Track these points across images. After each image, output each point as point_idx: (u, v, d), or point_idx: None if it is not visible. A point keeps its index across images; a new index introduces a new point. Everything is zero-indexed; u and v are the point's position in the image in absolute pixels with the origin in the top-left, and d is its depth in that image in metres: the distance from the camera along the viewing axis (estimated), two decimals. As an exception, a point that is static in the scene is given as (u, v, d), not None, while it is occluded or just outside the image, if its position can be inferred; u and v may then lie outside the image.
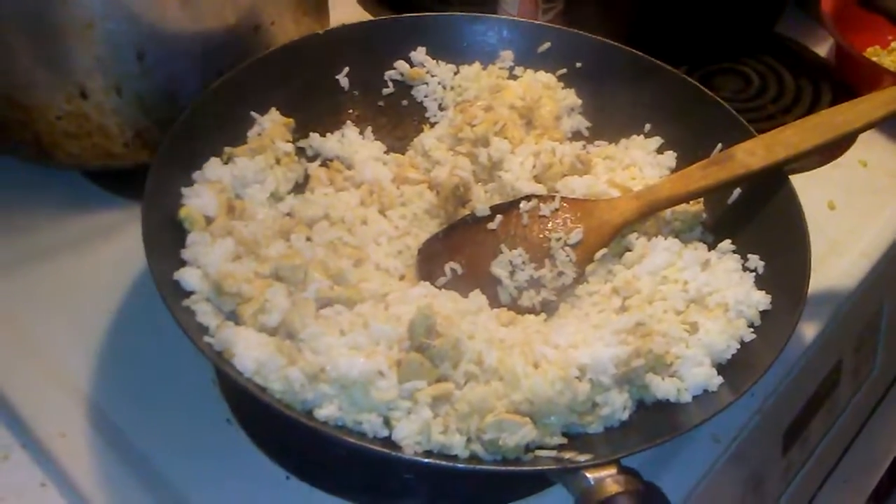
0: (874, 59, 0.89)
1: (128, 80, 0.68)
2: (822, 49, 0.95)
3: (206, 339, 0.54)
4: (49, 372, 0.64)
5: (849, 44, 0.86)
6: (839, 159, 0.82)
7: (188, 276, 0.57)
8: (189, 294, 0.56)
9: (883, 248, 0.76)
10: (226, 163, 0.66)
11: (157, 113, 0.70)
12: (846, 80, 0.89)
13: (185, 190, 0.62)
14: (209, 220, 0.61)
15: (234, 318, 0.56)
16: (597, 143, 0.74)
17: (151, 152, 0.69)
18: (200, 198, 0.62)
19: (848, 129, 0.65)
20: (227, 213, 0.62)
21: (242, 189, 0.66)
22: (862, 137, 0.83)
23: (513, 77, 0.76)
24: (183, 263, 0.58)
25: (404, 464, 0.54)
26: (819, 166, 0.81)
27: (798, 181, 0.64)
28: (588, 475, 0.47)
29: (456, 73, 0.76)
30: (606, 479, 0.46)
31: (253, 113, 0.69)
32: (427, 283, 0.62)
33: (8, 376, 0.63)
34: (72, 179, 0.76)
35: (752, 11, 0.93)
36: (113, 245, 0.71)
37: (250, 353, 0.52)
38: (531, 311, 0.62)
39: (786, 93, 0.89)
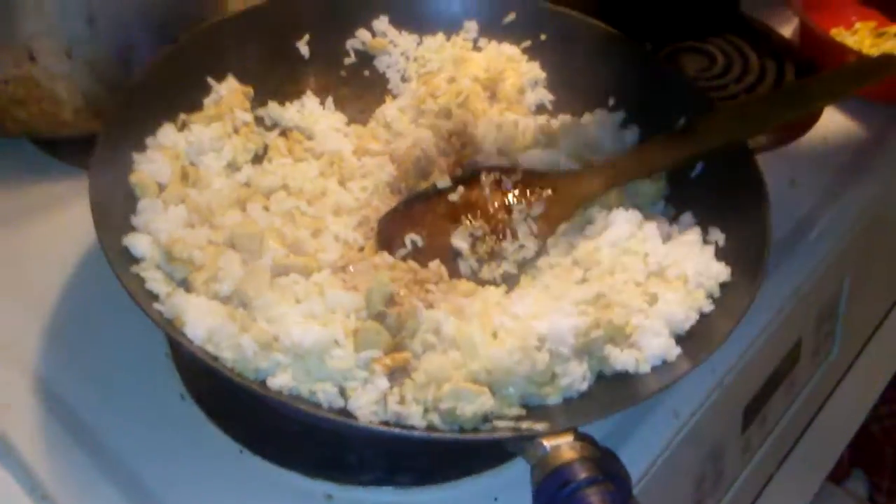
0: (838, 39, 0.89)
1: (78, 44, 0.66)
2: (787, 29, 0.95)
3: (156, 306, 0.52)
4: (-6, 343, 0.62)
5: (814, 24, 0.86)
6: (801, 137, 0.82)
7: (137, 242, 0.55)
8: (139, 261, 0.55)
9: (844, 227, 0.76)
10: (180, 129, 0.64)
11: (109, 79, 0.68)
12: (810, 60, 0.89)
13: (136, 155, 0.60)
14: (161, 187, 0.60)
15: (185, 286, 0.55)
16: (560, 116, 0.73)
17: (102, 120, 0.67)
18: (153, 163, 0.60)
19: (812, 103, 0.65)
20: (180, 181, 0.61)
21: (197, 157, 0.64)
22: (824, 116, 0.84)
23: (477, 49, 0.75)
24: (133, 230, 0.57)
25: (360, 434, 0.53)
26: (781, 144, 0.81)
27: (761, 159, 0.64)
28: (544, 443, 0.46)
29: (419, 44, 0.75)
30: (563, 446, 0.45)
31: (209, 79, 0.67)
32: (386, 254, 0.61)
33: (-49, 347, 0.61)
34: (20, 148, 0.74)
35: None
36: (62, 216, 0.69)
37: (202, 320, 0.51)
38: (492, 283, 0.61)
39: (750, 72, 0.89)
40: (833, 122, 0.84)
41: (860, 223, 0.78)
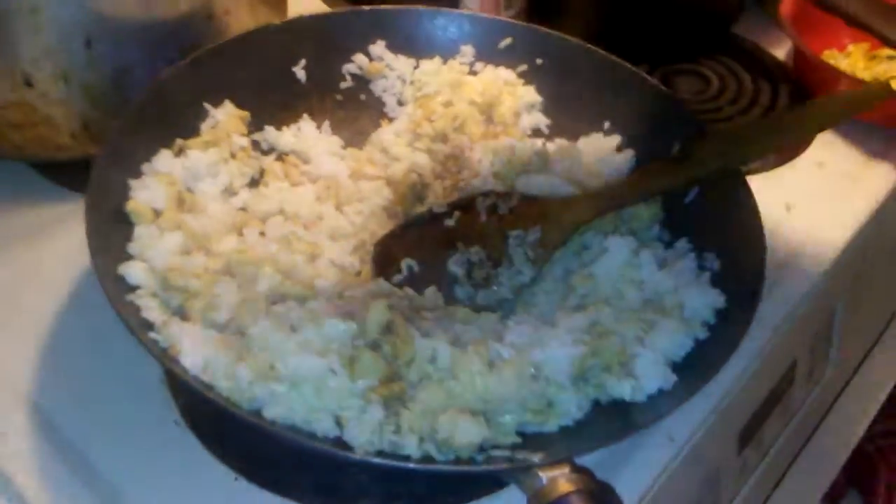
0: (831, 61, 0.90)
1: (75, 69, 0.66)
2: (781, 51, 0.95)
3: (151, 335, 0.52)
4: (-12, 369, 0.62)
5: (807, 46, 0.86)
6: (795, 160, 0.83)
7: (133, 270, 0.55)
8: (134, 289, 0.55)
9: (838, 250, 0.76)
10: (177, 155, 0.64)
11: (106, 104, 0.68)
12: (804, 82, 0.89)
13: (132, 182, 0.60)
14: (157, 213, 0.60)
15: (181, 313, 0.55)
16: (556, 140, 0.73)
17: (99, 144, 0.67)
18: (149, 190, 0.60)
19: (805, 130, 0.65)
20: (176, 207, 0.61)
21: (194, 182, 0.64)
22: (818, 139, 0.84)
23: (473, 73, 0.75)
24: (129, 258, 0.57)
25: (356, 464, 0.53)
26: (775, 167, 0.81)
27: (755, 182, 0.64)
28: (541, 474, 0.46)
29: (415, 68, 0.75)
30: (559, 477, 0.45)
31: (206, 105, 0.67)
32: (382, 279, 0.61)
33: (-55, 373, 0.61)
34: (18, 171, 0.74)
35: (710, 12, 0.93)
36: (59, 239, 0.69)
37: (197, 349, 0.51)
38: (488, 308, 0.61)
39: (744, 94, 0.89)
40: (827, 144, 0.84)
41: (854, 246, 0.78)
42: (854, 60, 0.91)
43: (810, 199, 0.79)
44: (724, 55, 0.93)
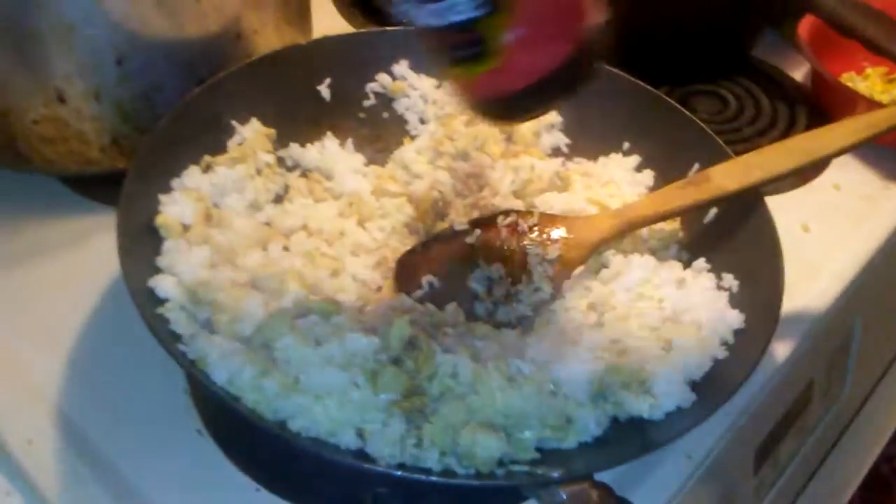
0: (849, 84, 0.91)
1: (106, 86, 0.67)
2: (799, 73, 0.96)
3: (180, 347, 0.53)
4: (17, 377, 0.63)
5: (825, 69, 0.87)
6: (813, 182, 0.83)
7: (162, 284, 0.56)
8: (163, 302, 0.56)
9: (855, 271, 0.77)
10: (205, 171, 0.66)
11: (136, 120, 0.69)
12: (822, 104, 0.90)
13: (162, 197, 0.62)
14: (186, 228, 0.61)
15: (208, 326, 0.56)
16: (576, 160, 0.74)
17: (128, 159, 0.68)
18: (178, 205, 0.62)
19: (823, 153, 0.66)
20: (204, 222, 0.62)
21: (221, 198, 0.65)
22: (835, 161, 0.85)
23: (494, 92, 0.77)
24: (158, 271, 0.58)
25: (378, 476, 0.54)
26: (793, 189, 0.82)
27: (772, 204, 0.65)
28: (561, 490, 0.47)
29: (438, 87, 0.76)
30: (580, 494, 0.46)
31: (233, 122, 0.68)
32: (404, 295, 0.62)
33: (-24, 382, 0.62)
34: (47, 184, 0.76)
35: (729, 34, 0.94)
36: (87, 251, 0.71)
37: (224, 362, 0.52)
38: (508, 325, 0.62)
39: (762, 116, 0.90)
40: (843, 167, 0.85)
41: (871, 267, 0.78)
42: (872, 83, 0.92)
43: (827, 221, 0.80)
44: (742, 77, 0.95)
